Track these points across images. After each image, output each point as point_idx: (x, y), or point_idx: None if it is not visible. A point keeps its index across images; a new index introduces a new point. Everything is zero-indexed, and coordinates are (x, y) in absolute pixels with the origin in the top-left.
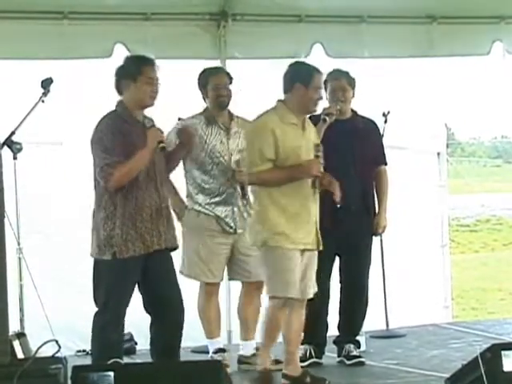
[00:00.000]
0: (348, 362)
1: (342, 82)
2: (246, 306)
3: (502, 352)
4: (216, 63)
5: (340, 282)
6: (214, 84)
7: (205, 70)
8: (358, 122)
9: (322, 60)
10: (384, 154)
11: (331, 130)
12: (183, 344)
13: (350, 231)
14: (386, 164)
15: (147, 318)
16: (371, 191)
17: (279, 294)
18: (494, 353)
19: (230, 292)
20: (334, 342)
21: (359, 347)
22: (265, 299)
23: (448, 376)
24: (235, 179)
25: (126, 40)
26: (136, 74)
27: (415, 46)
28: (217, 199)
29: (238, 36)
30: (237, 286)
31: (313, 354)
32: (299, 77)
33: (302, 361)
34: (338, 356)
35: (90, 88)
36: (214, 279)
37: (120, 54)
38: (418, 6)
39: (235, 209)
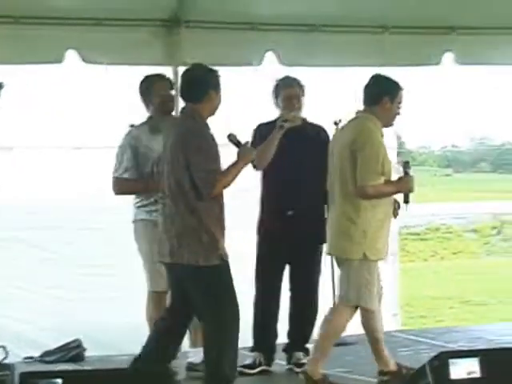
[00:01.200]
0: (297, 370)
1: (296, 90)
2: None
3: (450, 360)
4: (168, 70)
5: (290, 290)
6: (158, 90)
7: (146, 77)
8: (308, 129)
9: (274, 68)
10: None
11: (283, 137)
12: (132, 351)
13: (300, 239)
14: None
15: (96, 324)
16: (322, 198)
17: (369, 306)
18: (441, 361)
19: None
20: (284, 350)
21: (308, 355)
22: None
23: None
24: None
25: (78, 46)
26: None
27: (367, 55)
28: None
29: (191, 43)
30: None
31: (262, 361)
32: (387, 91)
33: (251, 368)
34: (288, 364)
35: (41, 93)
36: (164, 288)
37: (72, 60)
38: (370, 16)
39: None
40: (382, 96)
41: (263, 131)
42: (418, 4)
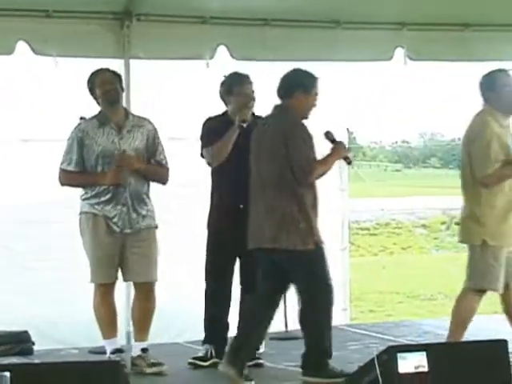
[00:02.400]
0: (248, 364)
1: (250, 87)
2: (136, 306)
3: (398, 354)
4: (119, 63)
5: (240, 284)
6: (99, 82)
7: (91, 75)
8: (253, 125)
9: (226, 62)
10: None
11: (240, 134)
12: (80, 345)
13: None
14: None
15: (45, 318)
16: None
17: (487, 287)
18: (389, 355)
19: (131, 292)
20: None
21: (258, 349)
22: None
23: (346, 378)
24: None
25: (29, 37)
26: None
27: (319, 50)
28: (105, 198)
29: (142, 36)
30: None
31: (213, 354)
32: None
33: (203, 360)
34: None
35: None
36: (107, 280)
37: (22, 52)
38: (322, 11)
39: (124, 209)
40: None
41: (212, 125)
42: (370, 0)
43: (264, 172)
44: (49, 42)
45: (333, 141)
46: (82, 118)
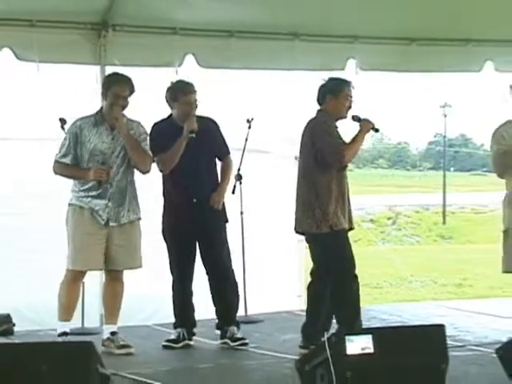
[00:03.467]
0: (233, 344)
1: (194, 96)
2: (107, 292)
3: (346, 337)
4: (96, 69)
5: (206, 274)
6: (115, 92)
7: (112, 75)
8: (199, 124)
9: (194, 69)
10: (226, 145)
11: (176, 135)
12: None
13: (206, 222)
14: (228, 153)
15: (25, 302)
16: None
17: None
18: (339, 337)
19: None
20: (217, 328)
21: (239, 327)
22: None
23: (298, 358)
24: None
25: (13, 44)
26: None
27: (278, 60)
28: (93, 193)
29: (118, 45)
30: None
31: (185, 336)
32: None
33: (176, 343)
34: (221, 338)
35: None
36: (82, 267)
37: (7, 58)
38: (281, 24)
39: (109, 203)
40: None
41: (159, 130)
42: (326, 14)
43: (299, 165)
44: (31, 49)
45: (359, 119)
46: (61, 120)
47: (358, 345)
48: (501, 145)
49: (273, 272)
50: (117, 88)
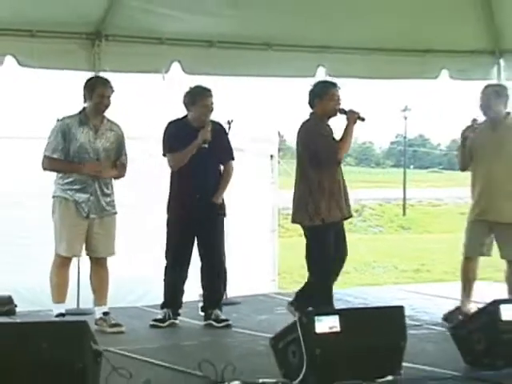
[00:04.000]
0: (218, 325)
1: (211, 99)
2: (94, 277)
3: (315, 317)
4: (90, 75)
5: (200, 261)
6: (100, 93)
7: (94, 78)
8: (212, 131)
9: (178, 76)
10: (230, 151)
11: (194, 134)
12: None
13: (206, 214)
14: (232, 159)
15: (26, 285)
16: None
17: None
18: (308, 318)
19: None
20: (202, 310)
21: (222, 311)
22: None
23: (273, 336)
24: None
25: (15, 52)
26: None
27: (254, 67)
28: (77, 187)
29: (110, 53)
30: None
31: (171, 316)
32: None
33: (162, 322)
34: (206, 320)
35: None
36: (67, 253)
37: (9, 64)
38: (256, 35)
39: (91, 197)
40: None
41: (172, 130)
42: (296, 27)
43: (296, 163)
44: (32, 57)
45: (345, 112)
46: (58, 120)
47: (326, 324)
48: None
49: (250, 259)
50: (102, 89)
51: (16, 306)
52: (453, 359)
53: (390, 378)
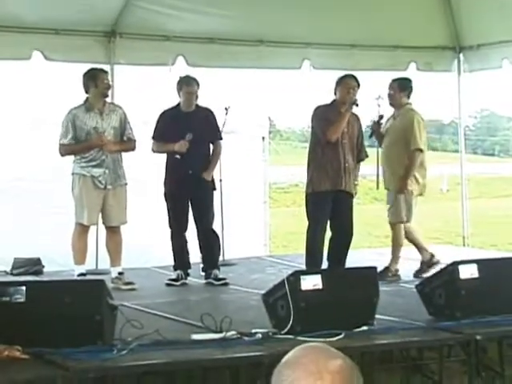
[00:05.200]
0: (216, 283)
1: (194, 88)
2: (109, 242)
3: (301, 276)
4: (107, 67)
5: (196, 228)
6: (103, 79)
7: (93, 69)
8: (200, 112)
9: (183, 68)
10: (219, 132)
11: (185, 119)
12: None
13: (197, 189)
14: (221, 139)
15: (53, 247)
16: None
17: None
18: (295, 277)
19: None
20: (203, 270)
21: (219, 270)
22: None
23: (264, 292)
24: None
25: (42, 48)
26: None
27: (248, 60)
28: (93, 163)
29: (124, 48)
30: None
31: (183, 276)
32: None
33: (176, 281)
34: (206, 279)
35: (14, 82)
36: (87, 222)
37: (37, 58)
38: (251, 33)
39: (106, 171)
40: None
41: (165, 119)
42: (285, 26)
43: None
44: (57, 52)
45: (357, 105)
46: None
47: (310, 282)
48: None
49: (244, 226)
50: (103, 75)
51: (43, 266)
52: (418, 311)
53: (365, 327)
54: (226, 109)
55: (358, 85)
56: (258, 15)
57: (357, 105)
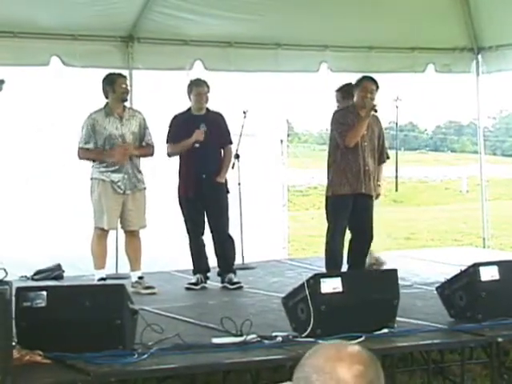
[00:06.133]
0: (231, 287)
1: (204, 89)
2: (129, 247)
3: (321, 279)
4: (125, 72)
5: (211, 232)
6: (120, 84)
7: (111, 74)
8: (211, 116)
9: (201, 72)
10: (229, 137)
11: (193, 123)
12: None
13: (211, 194)
14: (231, 143)
15: (73, 252)
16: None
17: None
18: (315, 280)
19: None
20: (218, 274)
21: (236, 275)
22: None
23: (284, 295)
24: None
25: (60, 53)
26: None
27: (266, 64)
28: (112, 168)
29: (142, 53)
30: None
31: (203, 280)
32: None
33: (195, 285)
34: (222, 283)
35: (32, 88)
36: (107, 226)
37: (55, 63)
38: (268, 37)
39: (125, 176)
40: None
41: (177, 123)
42: (302, 29)
43: None
44: (75, 57)
45: (376, 110)
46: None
47: (330, 285)
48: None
49: (264, 229)
50: (121, 80)
51: (64, 271)
52: (439, 314)
53: (385, 330)
54: (244, 112)
55: (377, 87)
56: (274, 19)
57: (375, 110)
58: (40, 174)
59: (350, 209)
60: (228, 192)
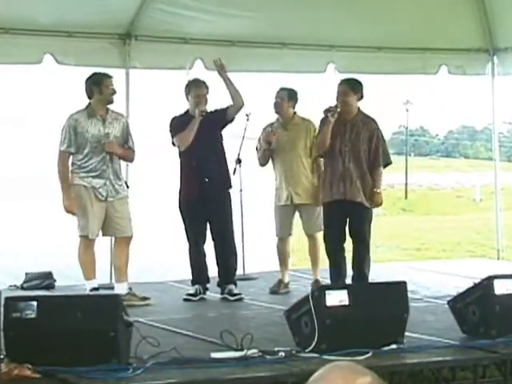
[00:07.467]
0: (231, 298)
1: (203, 90)
2: (117, 256)
3: (326, 291)
4: (122, 71)
5: (212, 240)
6: (108, 85)
7: (97, 74)
8: (211, 116)
9: (202, 72)
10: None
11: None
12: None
13: (214, 200)
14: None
15: (64, 262)
16: (228, 168)
17: None
18: (320, 292)
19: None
20: (218, 285)
21: (236, 286)
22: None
23: (287, 308)
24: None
25: (53, 51)
26: None
27: (270, 64)
28: (92, 174)
29: (139, 52)
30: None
31: (201, 291)
32: None
33: (194, 296)
34: (222, 294)
35: (24, 86)
36: (93, 235)
37: (48, 62)
38: (272, 35)
39: (107, 182)
40: None
41: (177, 121)
42: (308, 28)
43: None
44: (69, 55)
45: (327, 110)
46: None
47: (336, 298)
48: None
49: (265, 238)
50: (108, 81)
51: (55, 280)
52: (451, 329)
53: (393, 346)
54: (247, 115)
55: (352, 89)
56: (279, 17)
57: (330, 111)
58: (31, 177)
59: (338, 216)
60: (231, 187)
